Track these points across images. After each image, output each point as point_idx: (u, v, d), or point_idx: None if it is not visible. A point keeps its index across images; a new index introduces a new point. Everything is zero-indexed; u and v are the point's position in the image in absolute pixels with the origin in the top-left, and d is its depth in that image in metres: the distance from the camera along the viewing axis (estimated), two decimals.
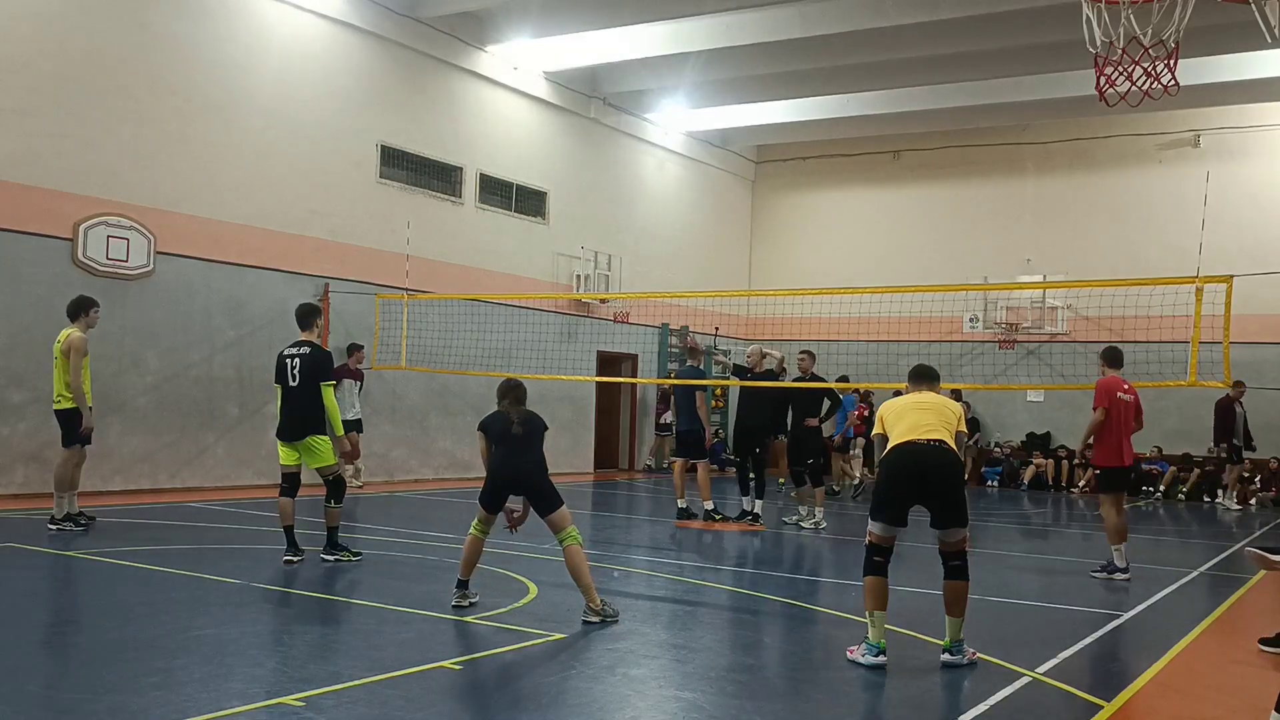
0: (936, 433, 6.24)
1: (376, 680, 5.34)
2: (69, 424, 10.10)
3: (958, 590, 6.19)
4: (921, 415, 6.34)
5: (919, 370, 6.92)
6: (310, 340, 9.08)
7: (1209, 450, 20.51)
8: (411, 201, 17.28)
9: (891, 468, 6.26)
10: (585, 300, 19.92)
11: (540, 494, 7.09)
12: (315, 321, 9.20)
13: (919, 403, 6.50)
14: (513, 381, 7.36)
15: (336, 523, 8.92)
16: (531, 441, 7.11)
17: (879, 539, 6.25)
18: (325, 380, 8.96)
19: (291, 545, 8.81)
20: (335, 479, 8.91)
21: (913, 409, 6.43)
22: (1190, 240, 14.75)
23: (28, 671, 5.36)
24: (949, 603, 6.20)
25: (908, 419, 6.35)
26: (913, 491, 6.22)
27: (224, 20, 14.55)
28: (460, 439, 17.91)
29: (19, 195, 12.46)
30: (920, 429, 6.25)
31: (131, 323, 13.56)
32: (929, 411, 6.37)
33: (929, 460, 6.16)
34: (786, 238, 25.81)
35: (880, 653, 6.05)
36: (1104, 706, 5.37)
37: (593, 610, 6.87)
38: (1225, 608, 8.52)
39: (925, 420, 6.29)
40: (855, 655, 6.11)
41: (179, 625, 6.47)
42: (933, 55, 18.46)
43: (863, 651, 6.08)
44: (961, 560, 6.25)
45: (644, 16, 17.18)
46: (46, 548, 9.12)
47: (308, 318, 9.15)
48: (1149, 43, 9.58)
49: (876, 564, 6.21)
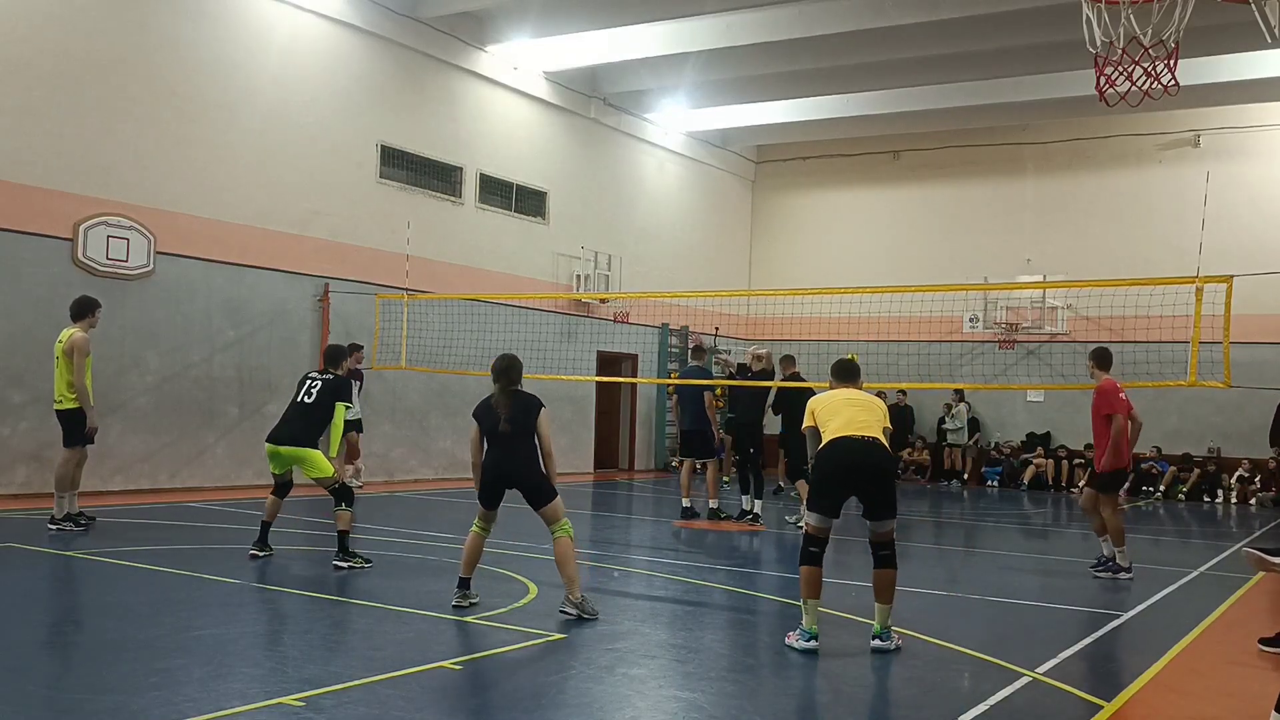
0: (871, 429, 6.48)
1: (376, 680, 5.34)
2: (70, 424, 10.11)
3: (886, 578, 6.47)
4: (855, 412, 6.55)
5: (845, 367, 7.09)
6: (336, 373, 9.19)
7: (1209, 451, 20.54)
8: (411, 201, 17.29)
9: (828, 463, 6.49)
10: (585, 300, 19.92)
11: (533, 489, 7.06)
12: (343, 363, 9.33)
13: (850, 399, 6.68)
14: (505, 361, 7.21)
15: (347, 526, 8.76)
16: (521, 438, 7.04)
17: (815, 529, 6.51)
18: (342, 400, 9.02)
19: (262, 540, 8.90)
20: (339, 487, 8.85)
21: (845, 404, 6.63)
22: (1190, 240, 14.74)
23: (28, 671, 5.36)
24: (878, 590, 6.46)
25: (843, 414, 6.56)
26: (848, 485, 6.51)
27: (224, 20, 14.55)
28: (460, 439, 17.88)
29: (19, 195, 12.46)
30: (855, 425, 6.48)
31: (131, 323, 13.56)
32: (861, 409, 6.59)
33: (864, 457, 6.42)
34: (786, 238, 25.81)
35: (812, 638, 6.33)
36: (1104, 706, 5.37)
37: (571, 602, 6.87)
38: (1225, 608, 8.52)
39: (859, 417, 6.52)
40: (791, 640, 6.41)
41: (179, 625, 6.47)
42: (933, 55, 18.46)
43: (797, 637, 6.39)
44: (890, 550, 6.52)
45: (644, 16, 17.18)
46: (47, 548, 9.12)
47: (336, 359, 9.29)
48: (1149, 43, 9.58)
49: (812, 554, 6.49)
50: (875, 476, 6.44)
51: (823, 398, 6.83)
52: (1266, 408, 19.64)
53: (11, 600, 7.18)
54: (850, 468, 6.44)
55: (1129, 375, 18.33)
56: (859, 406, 6.61)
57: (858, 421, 6.50)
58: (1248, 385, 18.12)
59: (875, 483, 6.45)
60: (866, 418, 6.53)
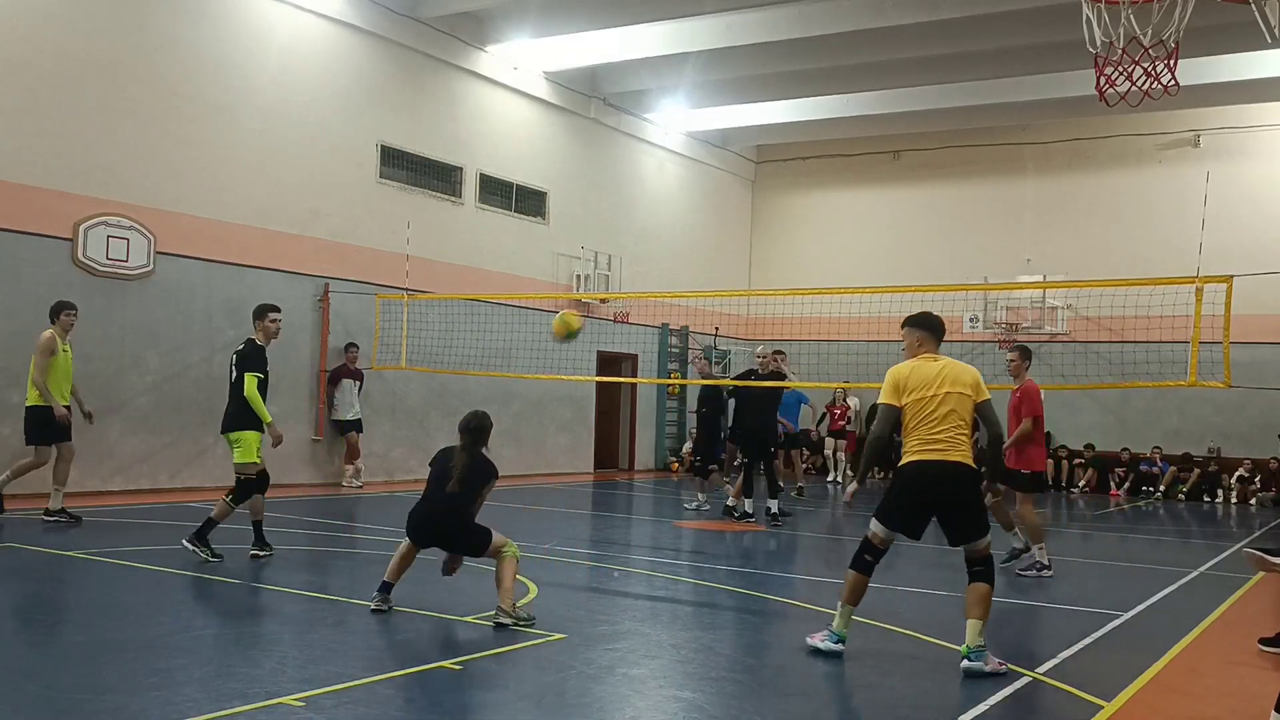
0: (954, 447, 6.00)
1: (376, 680, 5.34)
2: (33, 422, 10.46)
3: (977, 593, 6.01)
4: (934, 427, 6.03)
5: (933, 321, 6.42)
6: (251, 337, 8.95)
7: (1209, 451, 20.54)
8: (411, 201, 17.28)
9: (905, 492, 6.13)
10: (585, 300, 19.92)
11: (462, 545, 6.83)
12: (257, 323, 8.98)
13: (936, 394, 6.08)
14: (476, 420, 6.92)
15: (219, 518, 8.60)
16: (463, 502, 6.78)
17: (878, 540, 6.20)
18: (250, 370, 8.70)
19: (259, 540, 8.87)
20: (244, 480, 8.68)
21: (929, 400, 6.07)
22: (1190, 240, 14.73)
23: (28, 671, 5.36)
24: (969, 604, 6.03)
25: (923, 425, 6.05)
26: (926, 514, 6.13)
27: (224, 20, 14.54)
28: None
29: (19, 195, 12.46)
30: (935, 444, 6.01)
31: (131, 323, 13.56)
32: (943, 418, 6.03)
33: (942, 487, 6.02)
34: (786, 238, 25.81)
35: (840, 641, 6.15)
36: (1104, 706, 5.37)
37: (503, 611, 6.55)
38: (1225, 608, 8.52)
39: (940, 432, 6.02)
40: (815, 641, 6.21)
41: (179, 625, 6.47)
42: (933, 55, 18.46)
43: (823, 637, 6.19)
44: (984, 564, 6.06)
45: (644, 16, 17.18)
46: (47, 547, 9.11)
47: (254, 317, 9.00)
48: (1149, 43, 9.59)
49: (866, 561, 6.22)
50: (956, 505, 6.03)
51: (907, 374, 6.22)
52: (1267, 408, 19.71)
53: (11, 600, 7.18)
54: (928, 503, 6.08)
55: (1129, 375, 18.42)
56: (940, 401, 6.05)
57: (938, 439, 6.01)
58: (1248, 385, 18.13)
59: (957, 511, 6.04)
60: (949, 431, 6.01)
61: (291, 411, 15.53)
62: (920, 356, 6.32)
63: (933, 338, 6.39)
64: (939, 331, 6.43)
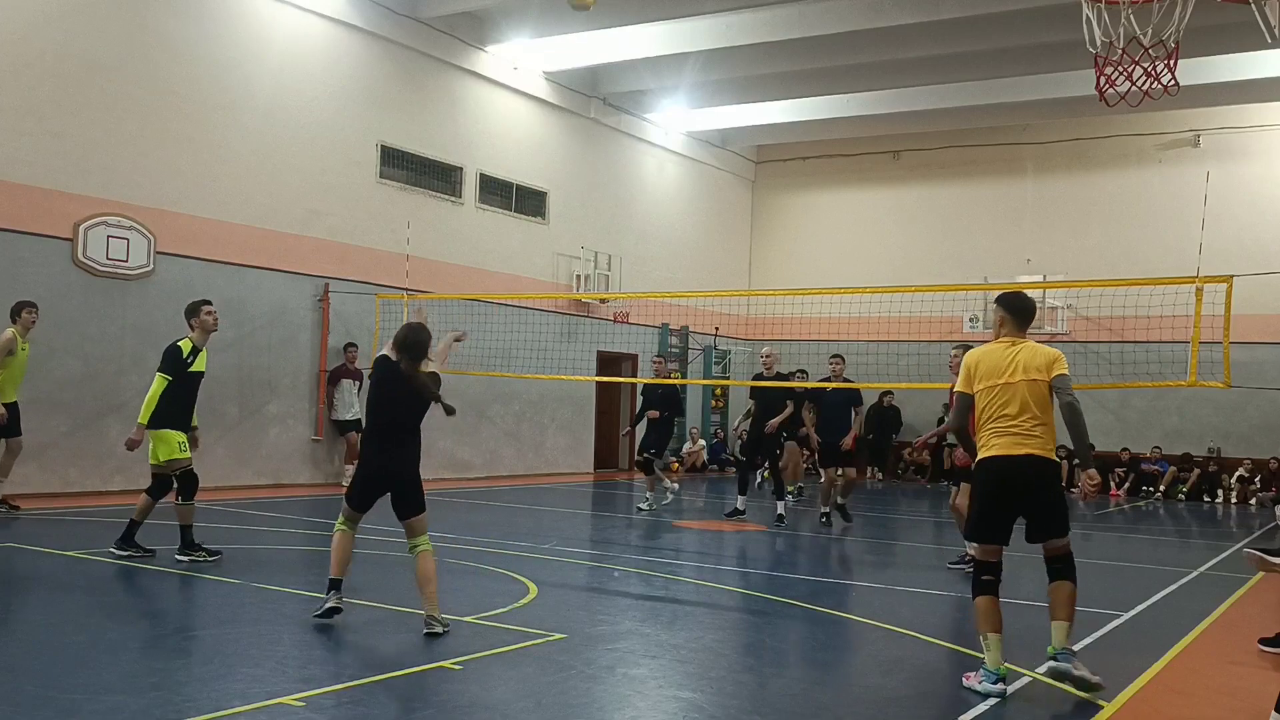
0: (1030, 442, 5.65)
1: (376, 680, 5.34)
2: None
3: (1061, 592, 5.76)
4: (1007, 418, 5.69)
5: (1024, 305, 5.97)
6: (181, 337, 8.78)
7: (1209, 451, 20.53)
8: (411, 201, 17.28)
9: (985, 493, 5.81)
10: (585, 300, 19.93)
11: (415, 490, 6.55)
12: (194, 319, 8.77)
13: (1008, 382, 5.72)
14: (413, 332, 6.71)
15: (140, 518, 8.57)
16: (414, 431, 6.57)
17: (982, 557, 5.86)
18: (161, 370, 8.49)
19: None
20: (159, 478, 8.58)
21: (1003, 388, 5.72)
22: (1190, 240, 14.74)
23: (27, 671, 5.36)
24: (1053, 605, 5.79)
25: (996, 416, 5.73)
26: (1008, 514, 5.80)
27: (224, 20, 14.54)
28: (460, 439, 17.92)
29: (19, 195, 12.46)
30: (1008, 437, 5.68)
31: (131, 323, 13.56)
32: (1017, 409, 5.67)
33: (1022, 483, 5.70)
34: (786, 238, 25.81)
35: (1000, 679, 5.53)
36: (1104, 707, 5.37)
37: (434, 619, 6.37)
38: (1225, 608, 8.52)
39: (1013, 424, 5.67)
40: (972, 683, 5.63)
41: (179, 625, 6.47)
42: (933, 55, 18.46)
43: (979, 678, 5.61)
44: (1063, 562, 5.77)
45: (644, 16, 17.18)
46: (48, 547, 9.11)
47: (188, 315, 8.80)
48: (1149, 43, 9.59)
49: (985, 583, 5.78)
50: (1034, 501, 5.72)
51: (978, 360, 5.88)
52: (1267, 408, 19.72)
53: (11, 600, 7.17)
54: (1006, 502, 5.75)
55: (1129, 375, 18.42)
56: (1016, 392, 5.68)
57: (1016, 432, 5.66)
58: (1248, 385, 18.16)
59: (1035, 506, 5.73)
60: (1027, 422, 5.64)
61: (291, 411, 15.55)
62: (999, 339, 5.93)
63: (1013, 319, 5.92)
64: (1020, 313, 5.94)
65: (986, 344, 5.99)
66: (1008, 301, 5.98)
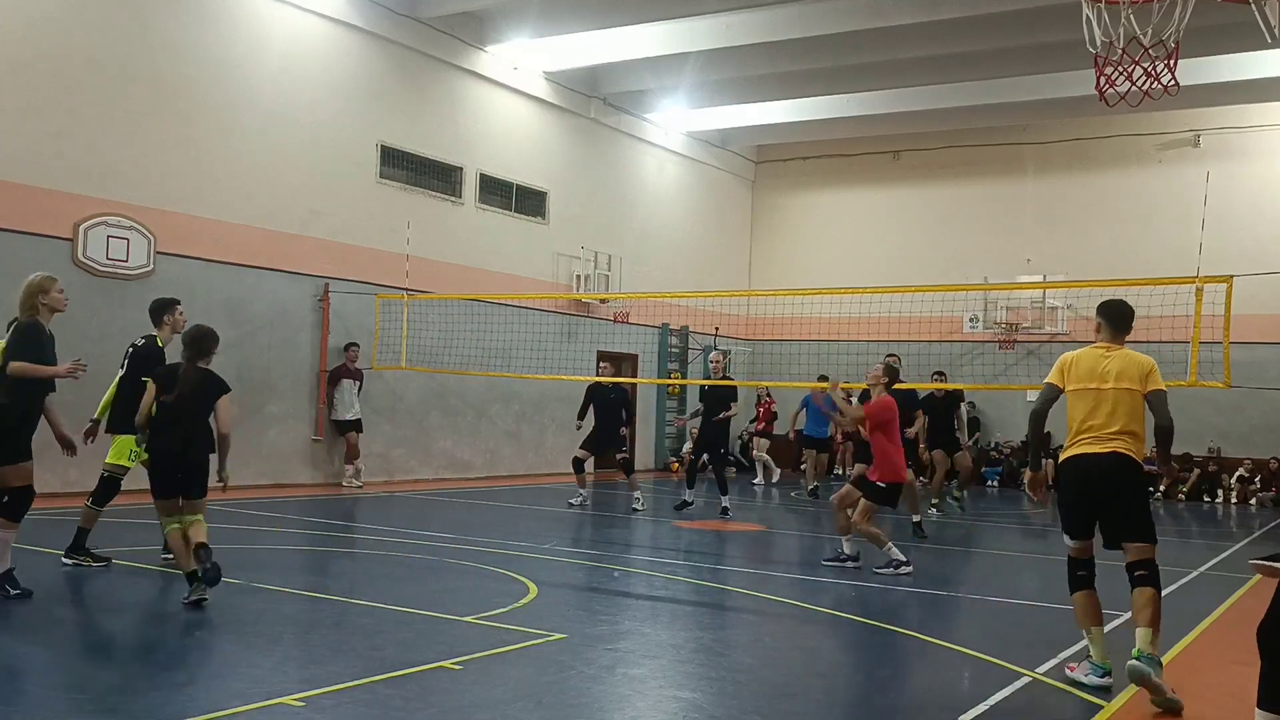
0: (1115, 443, 5.73)
1: (376, 680, 5.34)
2: None
3: (1142, 598, 5.75)
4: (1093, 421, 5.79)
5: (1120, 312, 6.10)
6: (151, 334, 8.70)
7: (1209, 451, 20.53)
8: (411, 201, 17.28)
9: (1067, 488, 5.93)
10: (585, 300, 19.92)
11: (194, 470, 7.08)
12: (163, 318, 8.72)
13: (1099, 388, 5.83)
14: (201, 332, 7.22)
15: (88, 525, 8.45)
16: (195, 415, 6.97)
17: (1073, 552, 5.97)
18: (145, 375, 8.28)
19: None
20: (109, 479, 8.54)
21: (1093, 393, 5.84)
22: (1190, 240, 14.73)
23: (27, 671, 5.36)
24: (1134, 611, 5.81)
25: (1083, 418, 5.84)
26: (1089, 511, 5.88)
27: (224, 20, 14.54)
28: (460, 439, 17.92)
29: (19, 195, 12.45)
30: (1092, 436, 5.78)
31: (132, 323, 13.50)
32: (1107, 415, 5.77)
33: (1101, 480, 5.76)
34: (786, 238, 25.81)
35: (1106, 674, 5.69)
36: (1104, 706, 5.37)
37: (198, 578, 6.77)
38: (1225, 608, 8.52)
39: (1098, 426, 5.77)
40: (1076, 673, 5.80)
41: (179, 625, 6.47)
42: (933, 55, 18.46)
43: (1085, 671, 5.76)
44: (1146, 569, 5.75)
45: (644, 16, 17.18)
46: (47, 547, 9.11)
47: (156, 313, 8.73)
48: (1149, 43, 9.58)
49: (1080, 578, 5.93)
50: (1112, 502, 5.76)
51: (1073, 361, 6.01)
52: (1267, 408, 19.72)
53: (10, 600, 7.17)
54: (1085, 499, 5.83)
55: None
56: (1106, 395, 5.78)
57: (1095, 431, 5.76)
58: (1248, 385, 18.14)
59: (1113, 508, 5.77)
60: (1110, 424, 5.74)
61: (292, 411, 15.55)
62: (1096, 345, 6.07)
63: (1110, 326, 6.06)
64: (1117, 319, 6.07)
65: (1086, 348, 6.11)
66: (1104, 309, 6.15)
